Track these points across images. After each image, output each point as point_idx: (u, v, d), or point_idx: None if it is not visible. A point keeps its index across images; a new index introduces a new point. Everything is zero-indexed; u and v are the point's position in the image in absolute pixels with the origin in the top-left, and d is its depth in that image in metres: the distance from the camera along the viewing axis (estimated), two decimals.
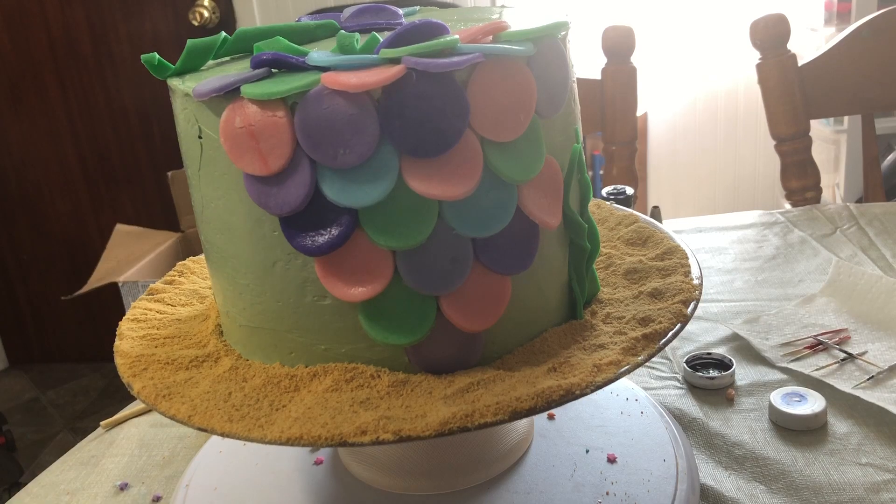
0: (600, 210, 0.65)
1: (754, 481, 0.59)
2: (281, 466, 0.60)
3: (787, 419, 0.64)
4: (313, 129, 0.40)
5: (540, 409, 0.41)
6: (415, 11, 0.58)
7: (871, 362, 0.70)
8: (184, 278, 0.63)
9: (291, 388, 0.45)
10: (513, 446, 0.57)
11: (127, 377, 0.49)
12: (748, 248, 0.99)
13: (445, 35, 0.43)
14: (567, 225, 0.49)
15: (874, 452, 0.60)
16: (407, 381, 0.44)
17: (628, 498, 0.53)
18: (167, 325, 0.56)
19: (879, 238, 0.96)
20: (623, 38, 1.22)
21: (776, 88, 1.19)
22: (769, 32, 1.17)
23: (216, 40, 0.50)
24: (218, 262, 0.49)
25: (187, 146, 0.47)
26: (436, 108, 0.40)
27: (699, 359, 0.73)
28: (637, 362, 0.45)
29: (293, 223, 0.43)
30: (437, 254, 0.43)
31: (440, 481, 0.55)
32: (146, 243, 1.79)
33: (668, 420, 0.62)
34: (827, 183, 1.80)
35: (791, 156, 1.21)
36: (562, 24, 0.46)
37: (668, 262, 0.55)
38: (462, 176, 0.42)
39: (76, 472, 0.69)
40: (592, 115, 1.26)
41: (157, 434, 0.73)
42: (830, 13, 2.10)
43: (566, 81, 0.47)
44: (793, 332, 0.77)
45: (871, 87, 1.21)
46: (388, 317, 0.44)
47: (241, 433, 0.42)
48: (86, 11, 2.07)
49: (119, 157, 2.21)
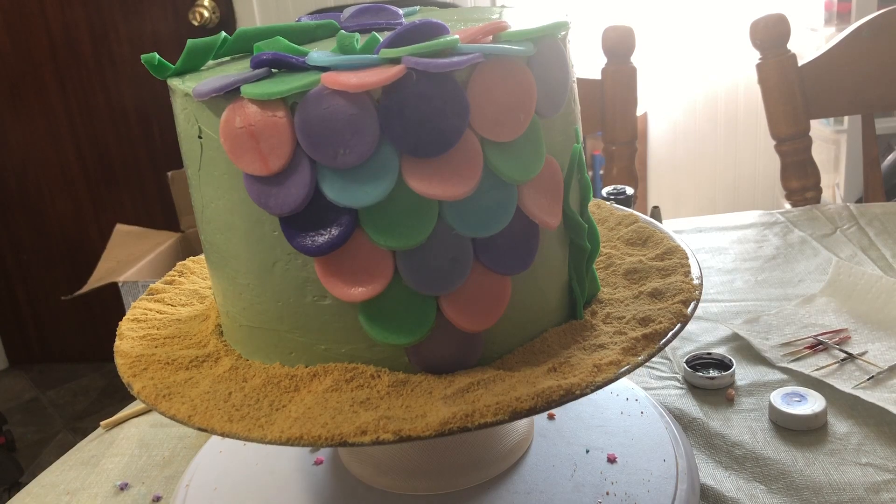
0: (600, 210, 0.65)
1: (754, 481, 0.59)
2: (281, 466, 0.60)
3: (787, 419, 0.64)
4: (313, 129, 0.40)
5: (540, 409, 0.41)
6: (415, 11, 0.58)
7: (871, 362, 0.70)
8: (184, 278, 0.63)
9: (291, 388, 0.45)
10: (513, 446, 0.57)
11: (127, 377, 0.49)
12: (748, 248, 0.99)
13: (445, 35, 0.43)
14: (567, 225, 0.49)
15: (874, 452, 0.60)
16: (407, 381, 0.44)
17: (628, 498, 0.53)
18: (167, 325, 0.56)
19: (879, 238, 0.96)
20: (623, 38, 1.22)
21: (776, 88, 1.19)
22: (769, 32, 1.17)
23: (216, 40, 0.50)
24: (218, 262, 0.49)
25: (187, 146, 0.47)
26: (436, 108, 0.40)
27: (699, 359, 0.73)
28: (637, 362, 0.45)
29: (293, 223, 0.43)
30: (437, 254, 0.43)
31: (440, 481, 0.55)
32: (146, 243, 1.79)
33: (668, 420, 0.62)
34: (827, 183, 1.80)
35: (791, 156, 1.21)
36: (562, 24, 0.46)
37: (668, 262, 0.55)
38: (462, 176, 0.42)
39: (76, 472, 0.69)
40: (592, 115, 1.26)
41: (157, 434, 0.73)
42: (830, 13, 2.10)
43: (566, 81, 0.47)
44: (793, 332, 0.77)
45: (871, 87, 1.21)
46: (388, 317, 0.44)
47: (241, 433, 0.42)
48: (86, 11, 2.07)
49: (119, 157, 2.21)
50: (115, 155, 2.21)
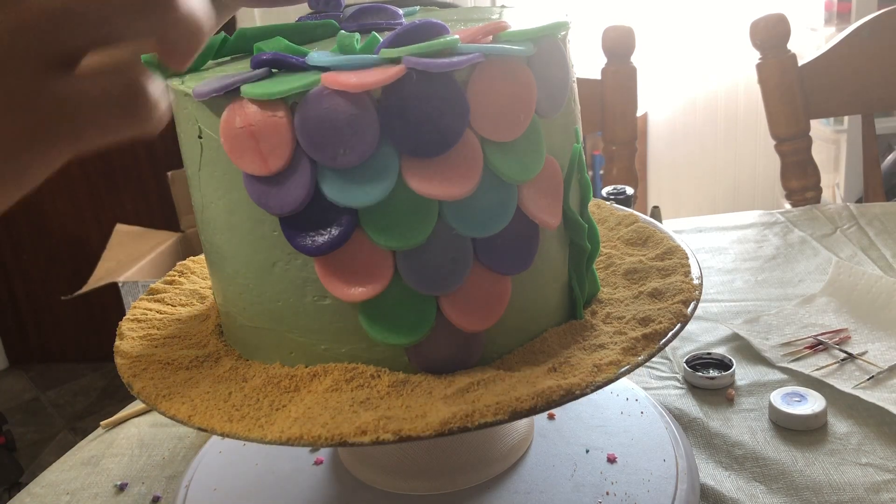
0: (600, 210, 0.65)
1: (754, 481, 0.59)
2: (281, 466, 0.60)
3: (787, 419, 0.64)
4: (313, 129, 0.40)
5: (540, 409, 0.41)
6: (415, 11, 0.58)
7: (871, 362, 0.70)
8: (184, 278, 0.63)
9: (291, 388, 0.45)
10: (513, 446, 0.57)
11: (127, 377, 0.49)
12: (748, 248, 0.99)
13: (445, 35, 0.43)
14: (567, 225, 0.49)
15: (874, 452, 0.60)
16: (407, 381, 0.44)
17: (628, 498, 0.53)
18: (167, 325, 0.56)
19: (879, 238, 0.96)
20: (623, 38, 1.22)
21: (776, 88, 1.19)
22: (769, 32, 1.17)
23: (216, 40, 0.50)
24: (218, 262, 0.49)
25: (187, 146, 0.47)
26: (436, 108, 0.40)
27: (699, 359, 0.73)
28: (637, 362, 0.45)
29: (293, 223, 0.43)
30: (437, 254, 0.43)
31: (440, 481, 0.55)
32: (146, 243, 1.79)
33: (668, 420, 0.62)
34: (827, 183, 1.80)
35: (791, 156, 1.21)
36: (562, 24, 0.46)
37: (668, 262, 0.55)
38: (462, 176, 0.42)
39: (76, 472, 0.69)
40: (592, 115, 1.26)
41: (157, 434, 0.73)
42: (830, 13, 2.10)
43: (566, 81, 0.47)
44: (793, 332, 0.77)
45: (871, 87, 1.21)
46: (388, 317, 0.44)
47: (241, 433, 0.42)
48: None
49: (119, 157, 2.21)
50: (115, 155, 2.21)
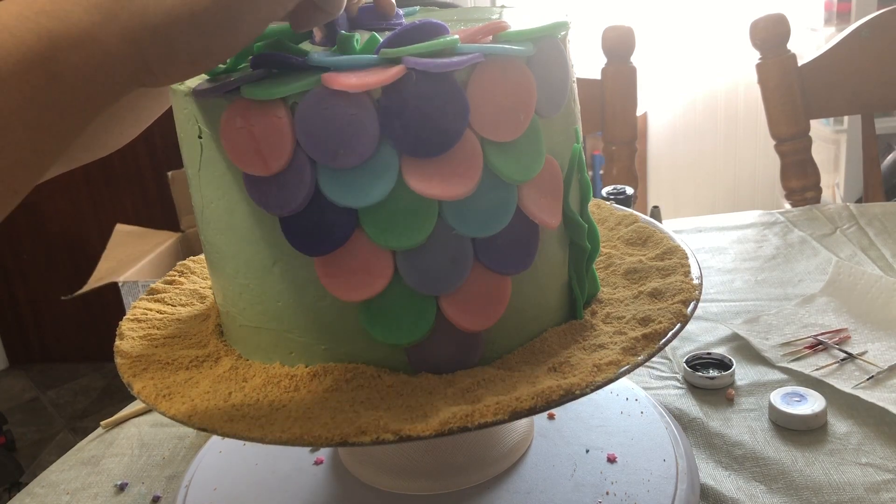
0: (600, 210, 0.65)
1: (754, 481, 0.59)
2: (281, 466, 0.60)
3: (787, 419, 0.64)
4: (313, 129, 0.40)
5: (540, 408, 0.41)
6: (415, 11, 0.58)
7: (871, 362, 0.70)
8: (184, 278, 0.63)
9: (291, 388, 0.45)
10: (513, 446, 0.57)
11: (127, 377, 0.49)
12: (748, 248, 0.99)
13: (445, 35, 0.43)
14: (567, 225, 0.49)
15: (874, 452, 0.60)
16: (407, 381, 0.44)
17: (628, 498, 0.53)
18: (167, 325, 0.56)
19: (879, 238, 0.96)
20: (623, 38, 1.22)
21: (776, 88, 1.19)
22: (769, 32, 1.17)
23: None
24: (218, 262, 0.49)
25: (187, 146, 0.47)
26: (436, 108, 0.40)
27: (699, 359, 0.73)
28: (637, 362, 0.45)
29: (293, 223, 0.43)
30: (437, 254, 0.43)
31: (440, 481, 0.55)
32: (146, 243, 1.79)
33: (668, 420, 0.62)
34: (827, 183, 1.80)
35: (791, 156, 1.21)
36: (562, 24, 0.46)
37: (668, 262, 0.55)
38: (462, 176, 0.42)
39: (76, 472, 0.69)
40: (592, 115, 1.26)
41: (157, 434, 0.73)
42: (830, 13, 2.10)
43: (566, 81, 0.47)
44: (793, 331, 0.77)
45: (870, 87, 1.21)
46: (388, 317, 0.44)
47: (241, 433, 0.42)
48: None
49: (119, 157, 2.21)
50: (115, 155, 2.21)
